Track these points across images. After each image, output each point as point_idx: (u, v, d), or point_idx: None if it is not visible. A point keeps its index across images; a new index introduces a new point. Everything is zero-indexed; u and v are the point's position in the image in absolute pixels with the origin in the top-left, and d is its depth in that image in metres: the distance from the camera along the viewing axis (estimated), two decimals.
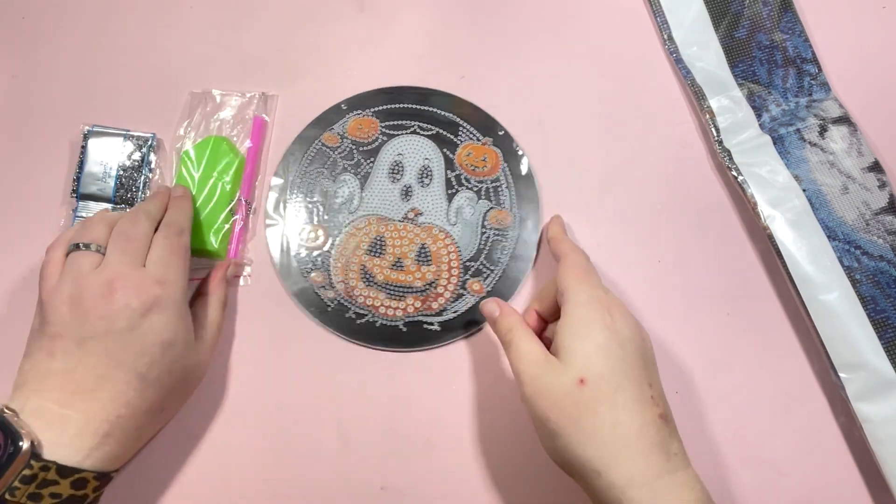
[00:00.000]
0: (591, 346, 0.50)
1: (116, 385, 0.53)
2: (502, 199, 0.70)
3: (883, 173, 0.65)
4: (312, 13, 0.77)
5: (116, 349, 0.53)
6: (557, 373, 0.50)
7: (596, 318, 0.51)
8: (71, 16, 0.78)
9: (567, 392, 0.49)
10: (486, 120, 0.73)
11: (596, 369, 0.49)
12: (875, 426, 0.58)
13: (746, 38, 0.72)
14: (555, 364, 0.50)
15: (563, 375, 0.49)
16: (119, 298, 0.54)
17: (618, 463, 0.47)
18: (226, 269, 0.66)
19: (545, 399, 0.50)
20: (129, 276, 0.55)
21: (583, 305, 0.52)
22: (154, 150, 0.71)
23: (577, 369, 0.49)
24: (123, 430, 0.53)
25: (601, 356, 0.50)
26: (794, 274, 0.62)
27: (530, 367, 0.51)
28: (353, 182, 0.71)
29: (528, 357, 0.52)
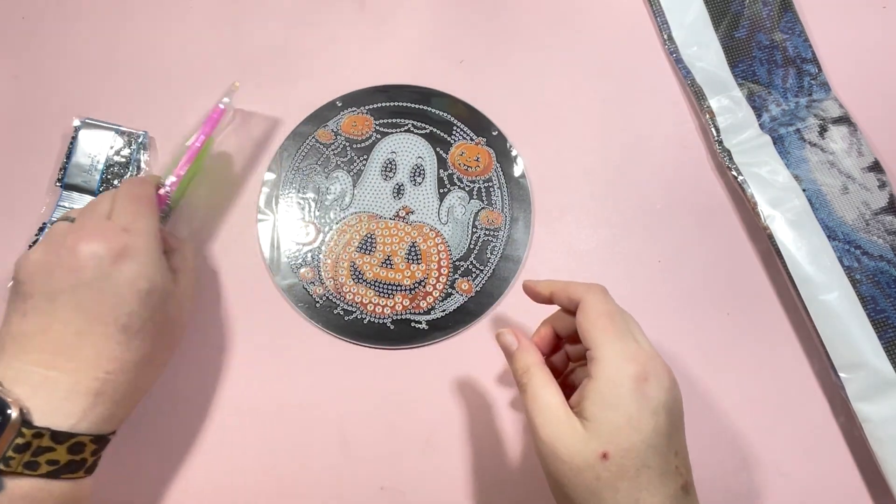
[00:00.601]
0: (621, 418, 0.45)
1: (98, 340, 0.51)
2: (494, 200, 0.69)
3: (883, 173, 0.65)
4: (312, 12, 0.77)
5: (90, 302, 0.51)
6: (580, 440, 0.45)
7: (627, 385, 0.46)
8: (71, 16, 0.79)
9: (588, 464, 0.45)
10: (481, 120, 0.72)
11: (623, 444, 0.45)
12: (875, 426, 0.57)
13: (746, 38, 0.72)
14: (577, 428, 0.46)
15: (585, 445, 0.45)
16: (83, 248, 0.52)
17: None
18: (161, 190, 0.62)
19: (562, 464, 0.45)
20: (94, 227, 0.53)
21: (614, 368, 0.46)
22: (145, 147, 0.71)
23: (602, 441, 0.45)
24: (115, 388, 0.51)
25: (629, 430, 0.45)
26: (794, 274, 0.62)
27: (550, 426, 0.46)
28: (346, 179, 0.70)
29: (547, 412, 0.47)
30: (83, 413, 0.50)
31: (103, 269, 0.52)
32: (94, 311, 0.51)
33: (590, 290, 0.51)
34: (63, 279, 0.51)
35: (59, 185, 0.69)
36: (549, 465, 0.47)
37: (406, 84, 0.74)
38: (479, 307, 0.66)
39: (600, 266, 0.67)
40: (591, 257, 0.67)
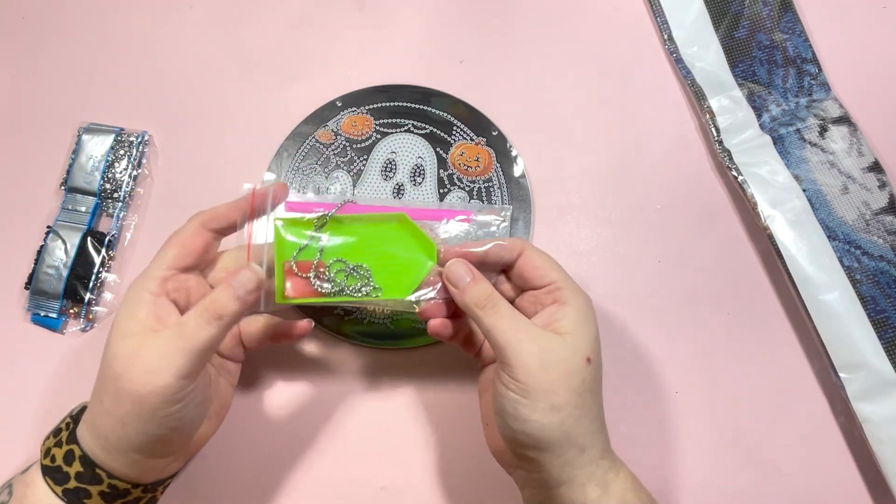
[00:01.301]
0: (593, 330, 0.51)
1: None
2: (494, 200, 0.69)
3: (883, 173, 0.65)
4: (312, 12, 0.77)
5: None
6: (567, 346, 0.49)
7: (590, 309, 0.52)
8: (71, 16, 0.79)
9: (578, 367, 0.48)
10: (481, 120, 0.72)
11: (597, 349, 0.50)
12: (875, 426, 0.57)
13: (746, 38, 0.72)
14: (560, 339, 0.49)
15: (574, 352, 0.49)
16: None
17: (599, 437, 0.50)
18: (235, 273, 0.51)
19: (555, 371, 0.48)
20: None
21: (581, 297, 0.52)
22: (145, 146, 0.71)
23: (585, 348, 0.49)
24: (88, 413, 0.51)
25: (597, 342, 0.51)
26: (794, 274, 0.62)
27: (535, 337, 0.49)
28: (346, 179, 0.70)
29: (528, 327, 0.50)
30: (93, 439, 0.50)
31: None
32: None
33: (524, 242, 0.55)
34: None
35: (62, 188, 0.70)
36: (538, 376, 0.48)
37: (406, 84, 0.74)
38: None
39: (600, 266, 0.67)
40: (591, 257, 0.67)
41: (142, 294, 0.51)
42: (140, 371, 0.47)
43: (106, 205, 0.69)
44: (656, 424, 0.62)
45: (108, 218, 0.70)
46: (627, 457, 0.60)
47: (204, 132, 0.73)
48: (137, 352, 0.47)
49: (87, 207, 0.69)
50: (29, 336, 0.67)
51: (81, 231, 0.68)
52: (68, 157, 0.71)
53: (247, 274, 0.50)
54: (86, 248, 0.67)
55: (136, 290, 0.51)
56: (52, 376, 0.65)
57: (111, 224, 0.69)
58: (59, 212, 0.69)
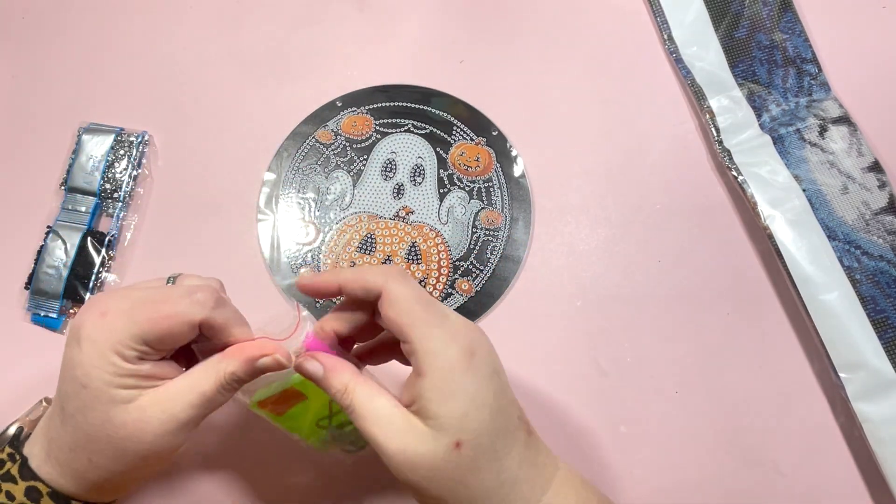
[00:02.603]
0: (464, 404, 0.43)
1: (54, 401, 0.49)
2: (494, 200, 0.69)
3: (883, 173, 0.65)
4: (312, 12, 0.77)
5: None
6: (430, 440, 0.43)
7: (460, 369, 0.44)
8: (71, 15, 0.79)
9: (445, 459, 0.43)
10: (481, 120, 0.72)
11: (472, 426, 0.43)
12: (875, 426, 0.57)
13: (746, 38, 0.72)
14: (422, 429, 0.43)
15: (437, 442, 0.43)
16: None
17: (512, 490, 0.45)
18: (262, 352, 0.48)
19: (420, 470, 0.43)
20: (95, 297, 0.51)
21: (442, 357, 0.44)
22: (145, 146, 0.71)
23: (451, 434, 0.43)
24: (57, 458, 0.48)
25: (475, 411, 0.44)
26: (794, 274, 0.62)
27: (395, 437, 0.44)
28: (346, 179, 0.70)
29: (387, 424, 0.44)
30: (43, 457, 0.49)
31: (70, 341, 0.47)
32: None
33: (388, 275, 0.46)
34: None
35: (62, 188, 0.70)
36: (405, 474, 0.44)
37: (406, 84, 0.74)
38: (480, 307, 0.66)
39: (600, 266, 0.67)
40: (591, 257, 0.67)
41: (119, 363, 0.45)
42: (153, 436, 0.46)
43: (106, 205, 0.70)
44: (656, 424, 0.62)
45: (108, 218, 0.70)
46: (627, 457, 0.60)
47: (204, 132, 0.73)
48: (141, 417, 0.45)
49: (87, 207, 0.69)
50: (29, 336, 0.67)
51: (81, 231, 0.68)
52: (68, 157, 0.72)
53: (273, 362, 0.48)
54: (86, 248, 0.67)
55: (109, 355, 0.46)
56: (52, 376, 0.65)
57: (111, 224, 0.69)
58: (59, 212, 0.69)
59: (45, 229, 0.69)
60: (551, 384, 0.63)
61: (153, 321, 0.46)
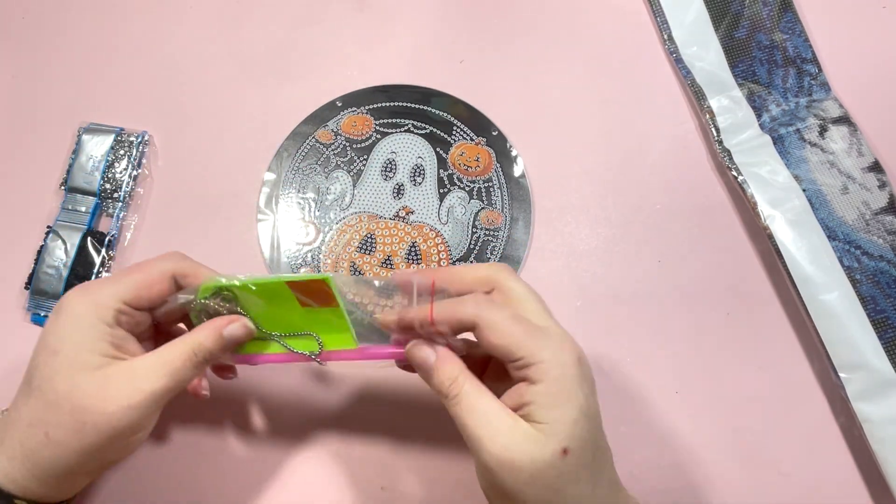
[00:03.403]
0: (575, 411, 0.43)
1: (22, 382, 0.49)
2: (494, 200, 0.69)
3: (883, 173, 0.65)
4: (312, 12, 0.77)
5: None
6: (537, 443, 0.42)
7: (572, 376, 0.44)
8: (71, 15, 0.79)
9: (550, 464, 0.42)
10: (481, 120, 0.72)
11: (581, 435, 0.43)
12: (875, 426, 0.57)
13: (746, 38, 0.72)
14: (530, 433, 0.43)
15: (544, 447, 0.42)
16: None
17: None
18: (228, 322, 0.50)
19: (521, 472, 0.42)
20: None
21: (557, 366, 0.44)
22: (145, 146, 0.71)
23: (560, 439, 0.42)
24: (11, 438, 0.47)
25: (584, 420, 0.43)
26: (794, 274, 0.62)
27: (500, 436, 0.43)
28: (346, 179, 0.70)
29: (494, 421, 0.43)
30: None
31: (54, 311, 0.49)
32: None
33: (479, 306, 0.46)
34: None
35: (62, 188, 0.70)
36: (502, 477, 0.43)
37: (406, 84, 0.74)
38: None
39: (600, 266, 0.67)
40: (591, 257, 0.67)
41: (96, 325, 0.47)
42: (115, 406, 0.45)
43: (106, 205, 0.69)
44: (656, 424, 0.62)
45: (108, 218, 0.69)
46: (627, 457, 0.60)
47: (204, 132, 0.73)
48: (106, 386, 0.45)
49: (87, 207, 0.69)
50: (29, 336, 0.66)
51: (81, 231, 0.68)
52: (68, 157, 0.71)
53: (241, 329, 0.50)
54: (86, 248, 0.67)
55: (87, 318, 0.47)
56: None
57: (111, 224, 0.69)
58: (59, 212, 0.69)
59: (45, 229, 0.69)
60: None
61: (129, 278, 0.49)
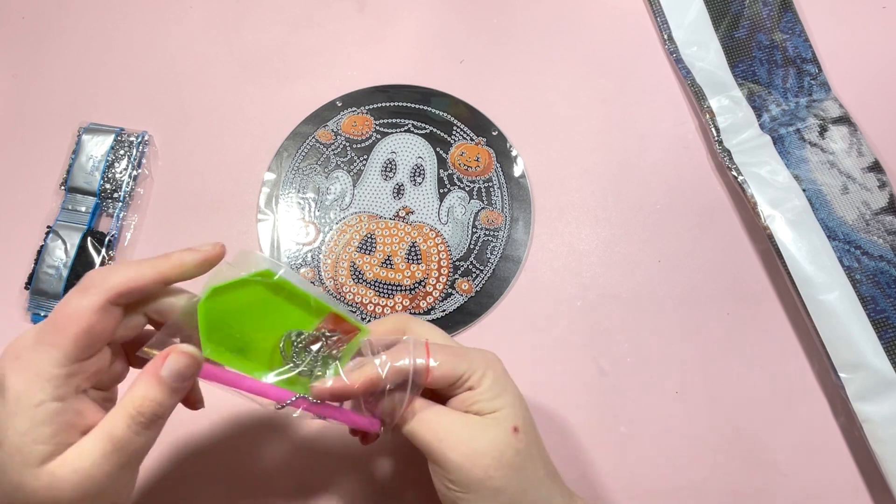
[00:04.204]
0: (513, 397, 0.48)
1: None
2: (494, 200, 0.69)
3: (883, 173, 0.65)
4: (312, 13, 0.77)
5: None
6: (492, 427, 0.47)
7: (502, 373, 0.49)
8: (71, 15, 0.79)
9: (507, 443, 0.46)
10: (481, 120, 0.72)
11: (522, 415, 0.48)
12: (875, 426, 0.57)
13: (746, 38, 0.72)
14: (483, 421, 0.47)
15: (498, 428, 0.46)
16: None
17: (554, 494, 0.48)
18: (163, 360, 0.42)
19: (485, 458, 0.45)
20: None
21: (488, 369, 0.48)
22: (145, 146, 0.71)
23: (509, 420, 0.47)
24: None
25: (520, 403, 0.49)
26: (794, 274, 0.62)
27: (455, 431, 0.46)
28: (346, 179, 0.70)
29: (448, 422, 0.47)
30: None
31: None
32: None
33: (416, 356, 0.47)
34: None
35: (62, 188, 0.70)
36: (470, 469, 0.45)
37: (406, 84, 0.74)
38: (479, 307, 0.66)
39: (600, 266, 0.67)
40: (591, 257, 0.67)
41: (42, 406, 0.40)
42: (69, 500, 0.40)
43: (106, 205, 0.70)
44: (656, 424, 0.62)
45: (108, 218, 0.70)
46: (627, 457, 0.60)
47: (204, 132, 0.73)
48: (54, 482, 0.40)
49: (87, 207, 0.69)
50: None
51: (81, 231, 0.68)
52: (68, 157, 0.71)
53: (180, 360, 0.42)
54: (86, 248, 0.67)
55: (29, 399, 0.40)
56: None
57: (111, 224, 0.69)
58: (59, 212, 0.69)
59: (45, 229, 0.69)
60: (551, 384, 0.63)
61: (59, 331, 0.41)
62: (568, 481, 0.52)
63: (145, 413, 0.41)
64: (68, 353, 0.41)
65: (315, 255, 0.67)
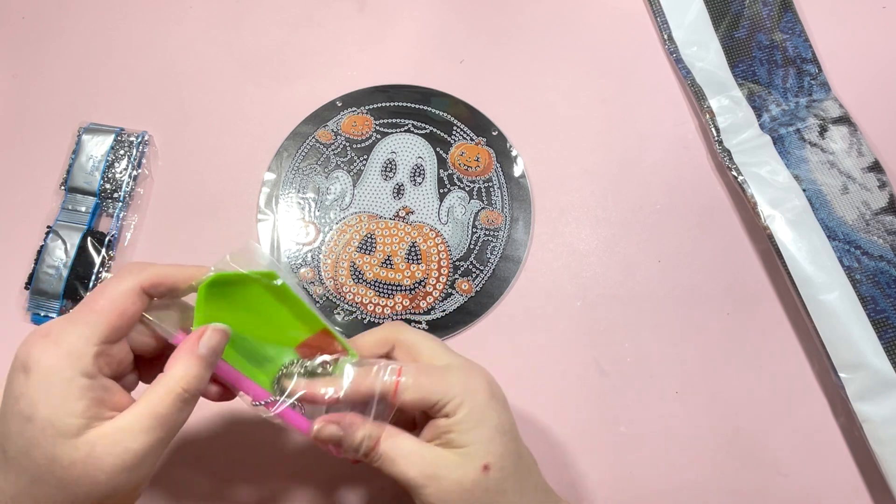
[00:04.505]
0: (490, 430, 0.47)
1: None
2: (494, 200, 0.69)
3: (883, 173, 0.64)
4: (312, 13, 0.77)
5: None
6: (459, 466, 0.45)
7: (483, 402, 0.47)
8: (71, 15, 0.79)
9: (475, 482, 0.45)
10: (481, 120, 0.72)
11: (498, 450, 0.46)
12: (875, 426, 0.57)
13: (746, 38, 0.72)
14: (450, 457, 0.46)
15: (465, 467, 0.45)
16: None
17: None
18: (199, 338, 0.45)
19: (454, 496, 0.45)
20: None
21: (468, 396, 0.47)
22: (145, 146, 0.71)
23: (479, 457, 0.46)
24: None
25: (500, 436, 0.47)
26: (794, 274, 0.62)
27: (426, 469, 0.45)
28: (346, 179, 0.70)
29: (416, 458, 0.46)
30: None
31: (10, 375, 0.43)
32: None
33: (389, 377, 0.47)
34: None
35: (62, 188, 0.70)
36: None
37: (406, 84, 0.74)
38: (479, 307, 0.66)
39: (600, 266, 0.67)
40: (591, 257, 0.67)
41: (73, 380, 0.41)
42: (107, 474, 0.40)
43: (106, 205, 0.70)
44: (656, 424, 0.62)
45: (108, 218, 0.70)
46: (627, 457, 0.60)
47: (204, 132, 0.73)
48: (92, 453, 0.40)
49: (87, 207, 0.69)
50: None
51: (81, 231, 0.68)
52: (68, 157, 0.72)
53: (215, 336, 0.45)
54: (86, 248, 0.67)
55: (61, 374, 0.41)
56: None
57: (111, 224, 0.69)
58: (59, 212, 0.69)
59: (45, 229, 0.69)
60: (551, 384, 0.63)
61: (96, 311, 0.43)
62: (567, 482, 0.52)
63: (190, 389, 0.43)
64: (100, 331, 0.43)
65: (315, 255, 0.67)
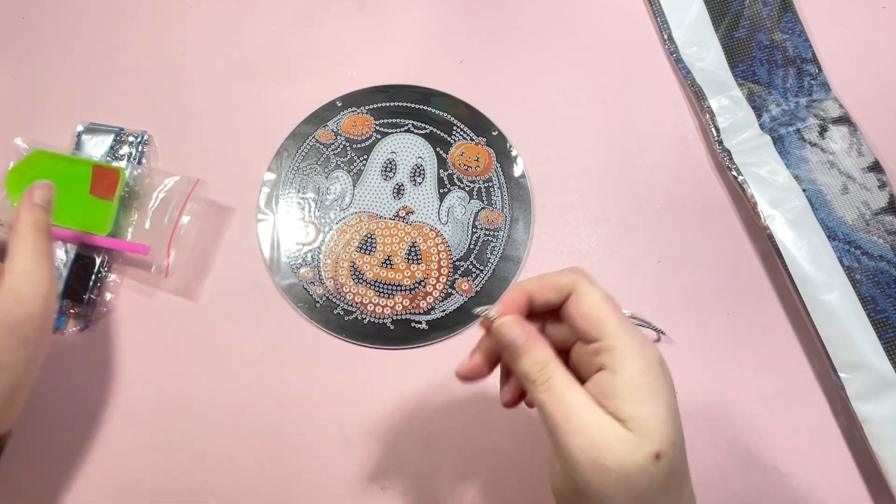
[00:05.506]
0: (664, 410, 0.39)
1: None
2: (494, 200, 0.69)
3: (883, 173, 0.65)
4: (312, 13, 0.77)
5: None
6: (629, 443, 0.38)
7: (656, 371, 0.40)
8: (71, 16, 0.79)
9: (641, 469, 0.38)
10: (481, 120, 0.72)
11: (671, 438, 0.39)
12: (875, 426, 0.57)
13: (746, 38, 0.72)
14: (621, 431, 0.38)
15: (637, 448, 0.38)
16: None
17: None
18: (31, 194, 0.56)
19: (609, 474, 0.38)
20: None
21: (641, 356, 0.40)
22: (145, 146, 0.71)
23: (652, 440, 0.38)
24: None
25: (673, 421, 0.39)
26: (794, 274, 0.62)
27: (588, 432, 0.39)
28: (346, 179, 0.70)
29: (582, 415, 0.39)
30: None
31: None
32: None
33: (578, 274, 0.44)
34: None
35: None
36: (587, 476, 0.38)
37: (406, 84, 0.74)
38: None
39: (600, 266, 0.67)
40: (591, 257, 0.67)
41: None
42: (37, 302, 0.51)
43: None
44: None
45: None
46: None
47: (204, 132, 0.73)
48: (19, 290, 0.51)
49: None
50: None
51: None
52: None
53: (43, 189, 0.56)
54: None
55: None
56: (51, 376, 0.65)
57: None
58: None
59: None
60: None
61: None
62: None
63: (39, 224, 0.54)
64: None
65: (315, 255, 0.67)
